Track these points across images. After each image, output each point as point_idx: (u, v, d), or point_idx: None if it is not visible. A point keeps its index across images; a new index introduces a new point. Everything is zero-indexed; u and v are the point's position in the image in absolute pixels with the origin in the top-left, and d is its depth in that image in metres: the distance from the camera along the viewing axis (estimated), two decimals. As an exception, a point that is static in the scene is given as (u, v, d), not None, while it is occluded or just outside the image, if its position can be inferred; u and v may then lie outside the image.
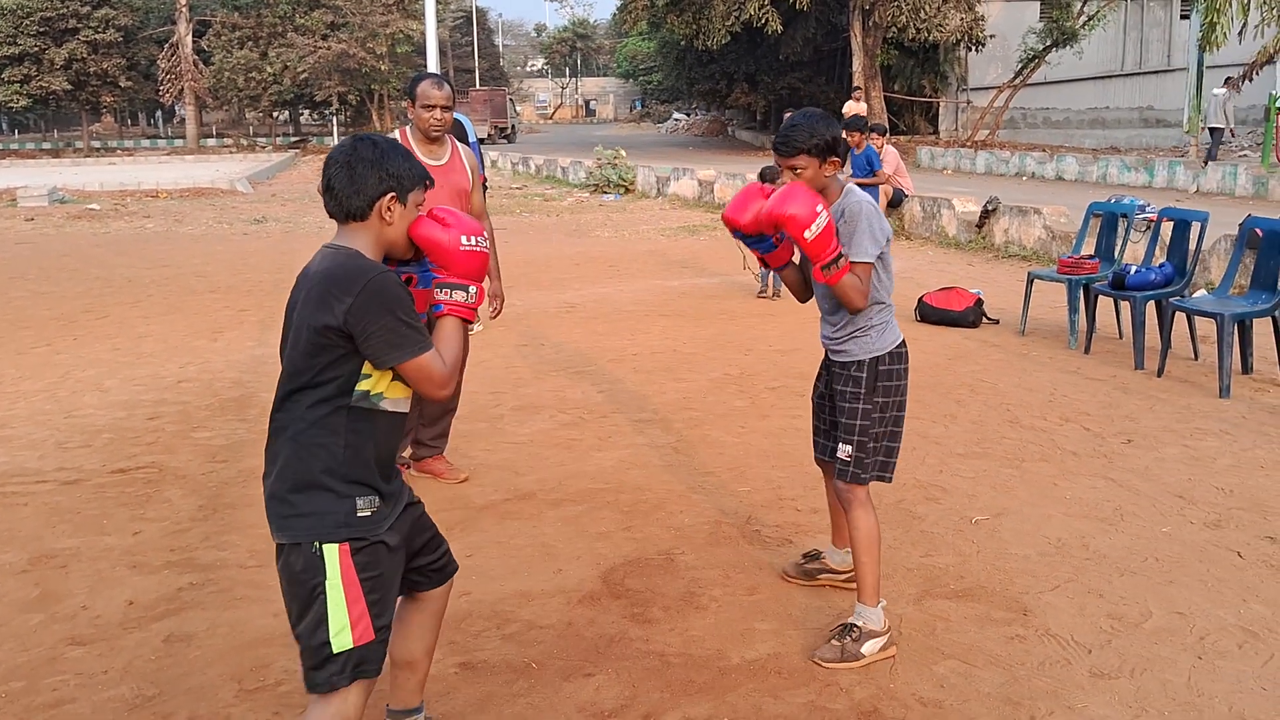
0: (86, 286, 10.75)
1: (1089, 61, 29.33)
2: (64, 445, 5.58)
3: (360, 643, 2.34)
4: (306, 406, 2.33)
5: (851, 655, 3.26)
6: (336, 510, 2.32)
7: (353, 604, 2.32)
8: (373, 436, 2.38)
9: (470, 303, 2.47)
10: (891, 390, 3.42)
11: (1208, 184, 18.48)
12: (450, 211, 2.50)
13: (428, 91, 4.62)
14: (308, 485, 2.32)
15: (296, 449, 2.33)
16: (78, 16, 41.72)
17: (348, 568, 2.32)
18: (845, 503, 3.42)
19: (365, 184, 2.37)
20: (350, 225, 2.41)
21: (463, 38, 67.28)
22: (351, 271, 2.31)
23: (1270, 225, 6.93)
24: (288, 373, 2.36)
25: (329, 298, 2.27)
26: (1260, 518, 4.39)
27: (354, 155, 2.38)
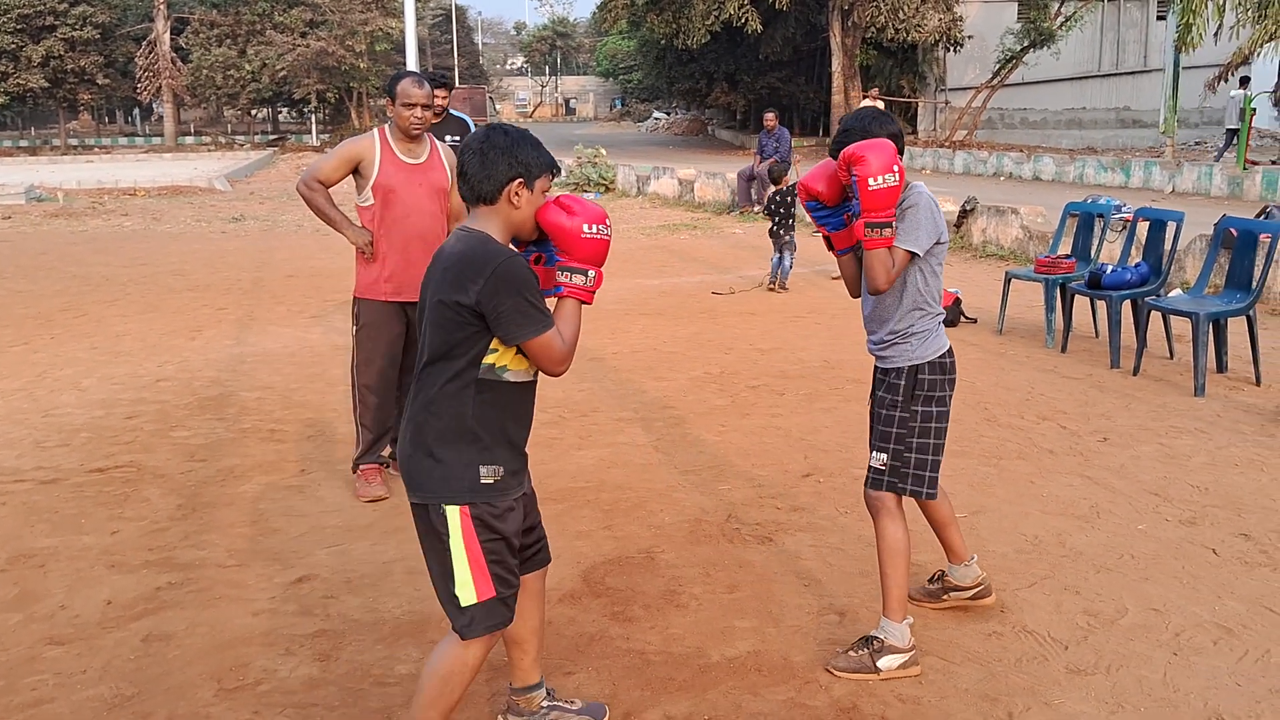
0: (64, 285, 10.66)
1: (1066, 62, 29.51)
2: (41, 444, 5.54)
3: (482, 599, 2.52)
4: (440, 377, 2.52)
5: (867, 668, 3.17)
6: (462, 476, 2.51)
7: (474, 563, 2.51)
8: (499, 407, 2.55)
9: (589, 286, 2.63)
10: (932, 401, 3.29)
11: (1183, 184, 18.64)
12: (576, 199, 2.61)
13: (409, 90, 4.61)
14: (437, 451, 2.51)
15: (429, 416, 2.53)
16: (55, 13, 41.30)
17: (469, 530, 2.50)
18: (873, 510, 3.33)
19: (495, 170, 2.51)
20: (480, 208, 2.56)
21: (442, 36, 67.05)
22: (483, 255, 2.46)
23: (1245, 225, 7.02)
24: (424, 346, 2.56)
25: (463, 278, 2.44)
26: (1234, 515, 4.44)
27: (487, 142, 2.53)
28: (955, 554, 3.59)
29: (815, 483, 4.90)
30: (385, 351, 4.75)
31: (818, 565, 4.01)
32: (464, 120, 7.66)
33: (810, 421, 5.82)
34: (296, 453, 5.41)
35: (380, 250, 4.68)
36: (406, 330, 4.80)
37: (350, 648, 3.41)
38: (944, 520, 3.54)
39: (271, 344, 7.92)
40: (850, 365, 7.02)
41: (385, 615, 3.64)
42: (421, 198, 4.72)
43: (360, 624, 3.58)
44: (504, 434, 2.57)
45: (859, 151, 3.07)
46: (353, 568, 4.03)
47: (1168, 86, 22.30)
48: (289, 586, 3.87)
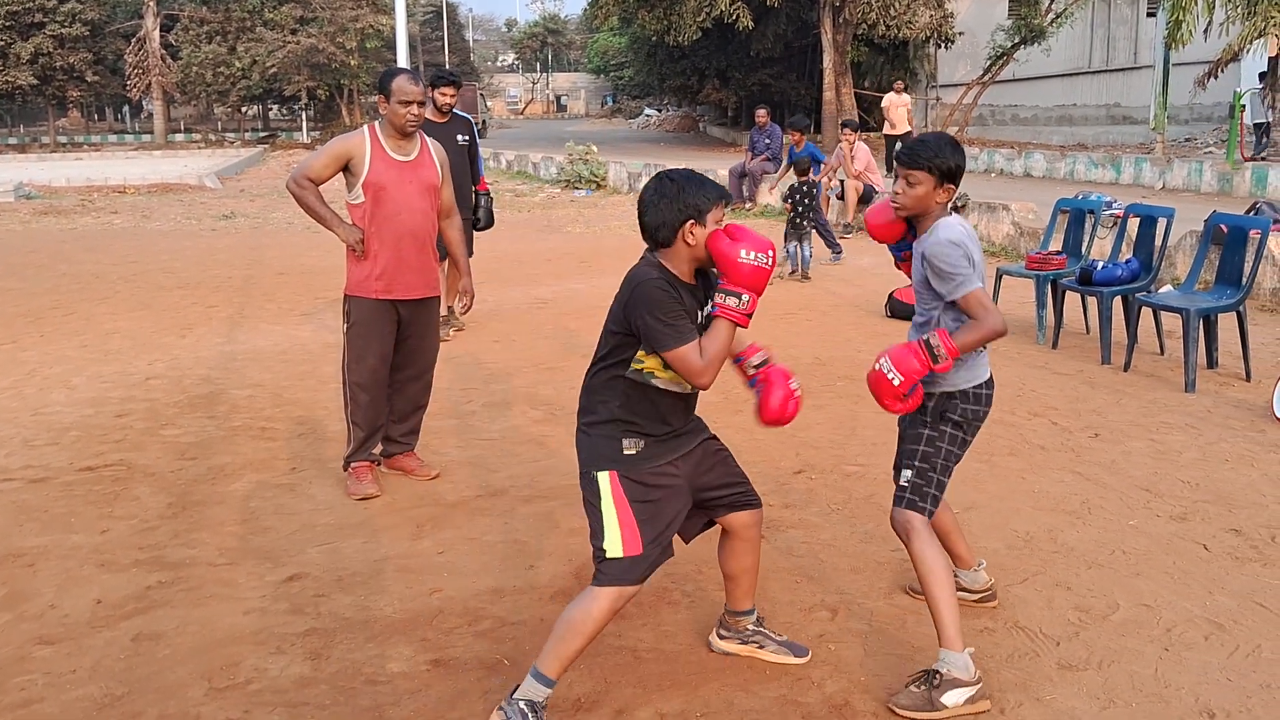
0: (53, 283, 10.62)
1: (1057, 59, 29.56)
2: (31, 443, 5.51)
3: (629, 554, 2.84)
4: (601, 374, 2.95)
5: (929, 705, 2.97)
6: (607, 449, 2.91)
7: (624, 522, 2.86)
8: (648, 400, 2.92)
9: (742, 309, 2.82)
10: (960, 426, 3.22)
11: (1173, 180, 18.68)
12: (740, 228, 2.84)
13: (404, 87, 4.59)
14: (592, 428, 2.95)
15: (590, 401, 2.97)
16: (44, 10, 41.16)
17: (618, 491, 2.88)
18: (903, 533, 3.19)
19: (668, 218, 2.81)
20: (660, 251, 2.87)
21: (433, 32, 66.90)
22: (634, 276, 2.86)
23: (1235, 221, 7.03)
24: (599, 346, 2.96)
25: (621, 294, 2.86)
26: (1225, 510, 4.45)
27: (658, 194, 2.83)
28: (962, 561, 3.58)
29: (807, 479, 4.90)
30: (376, 349, 4.74)
31: (809, 562, 4.01)
32: (468, 120, 7.75)
33: (801, 418, 5.76)
34: (287, 451, 5.39)
35: (371, 248, 4.66)
36: (398, 328, 4.78)
37: (341, 646, 3.40)
38: (946, 529, 3.52)
39: (262, 342, 7.89)
40: (841, 362, 7.02)
41: (377, 613, 3.63)
42: (412, 195, 4.71)
43: (351, 622, 3.56)
44: (654, 417, 2.93)
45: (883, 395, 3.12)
46: (344, 566, 4.01)
47: (1158, 83, 22.34)
48: (280, 585, 3.86)
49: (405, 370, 4.91)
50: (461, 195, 7.31)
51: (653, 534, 2.88)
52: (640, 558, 2.85)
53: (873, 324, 8.29)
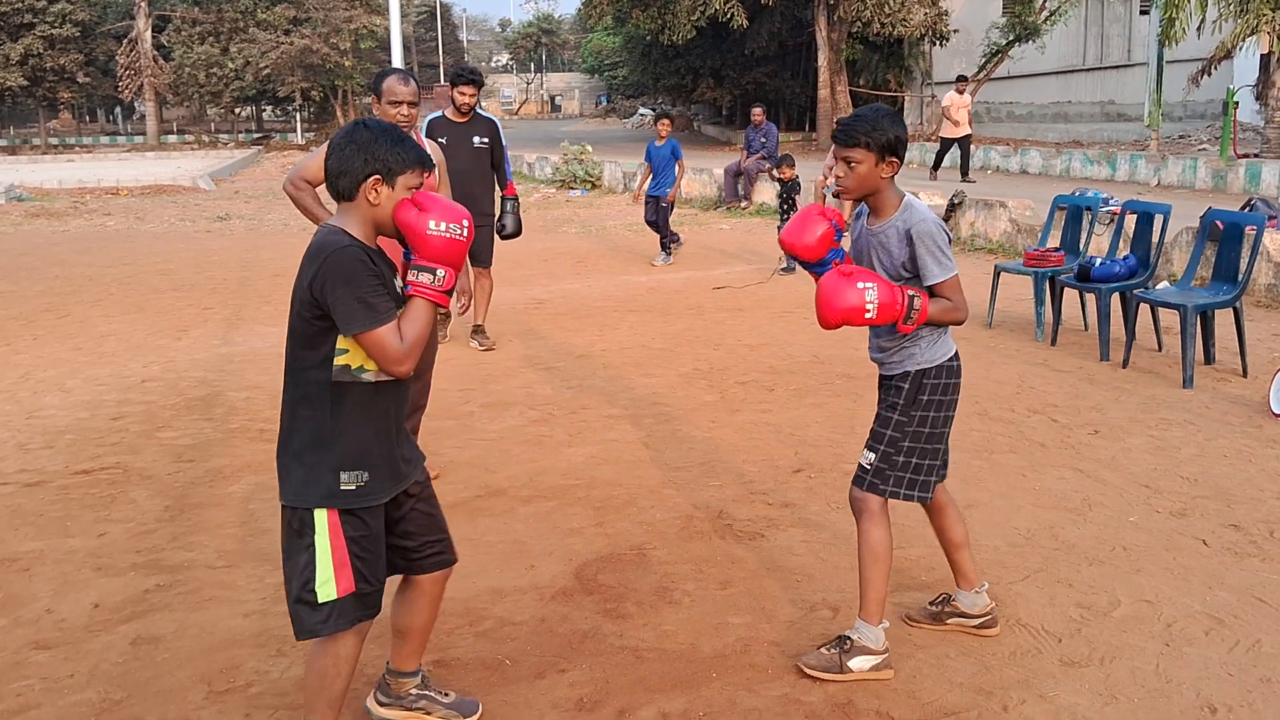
0: (46, 285, 10.58)
1: (1051, 56, 29.56)
2: (25, 446, 5.49)
3: (343, 595, 2.57)
4: (298, 378, 2.54)
5: (837, 667, 3.13)
6: (322, 481, 2.54)
7: (338, 563, 2.55)
8: (361, 409, 2.54)
9: (437, 286, 2.54)
10: (933, 405, 3.18)
11: (1168, 177, 18.71)
12: (430, 196, 2.58)
13: (394, 87, 4.57)
14: (298, 455, 2.56)
15: (292, 420, 2.57)
16: (34, 11, 41.03)
17: (335, 531, 2.55)
18: (856, 511, 3.23)
19: (351, 166, 2.51)
20: (342, 205, 2.58)
21: (427, 33, 66.85)
22: (321, 245, 2.49)
23: (1230, 218, 7.04)
24: (288, 344, 2.56)
25: (305, 269, 2.47)
26: (1224, 506, 4.45)
27: (347, 138, 2.53)
28: (966, 580, 3.44)
29: (806, 478, 4.89)
30: (374, 350, 4.71)
31: (810, 560, 4.00)
32: (492, 121, 7.42)
33: (800, 417, 5.81)
34: (285, 452, 5.37)
35: (368, 248, 4.64)
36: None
37: (341, 648, 3.38)
38: (957, 542, 3.41)
39: (259, 343, 7.87)
40: (839, 360, 7.02)
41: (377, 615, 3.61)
42: (408, 194, 4.68)
43: (351, 624, 3.54)
44: (372, 437, 2.58)
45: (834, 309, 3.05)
46: (343, 568, 3.99)
47: (1151, 80, 22.36)
48: (280, 587, 3.81)
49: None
50: (480, 199, 7.14)
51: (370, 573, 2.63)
52: (356, 594, 2.60)
53: (870, 322, 8.26)
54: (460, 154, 6.98)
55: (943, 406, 3.20)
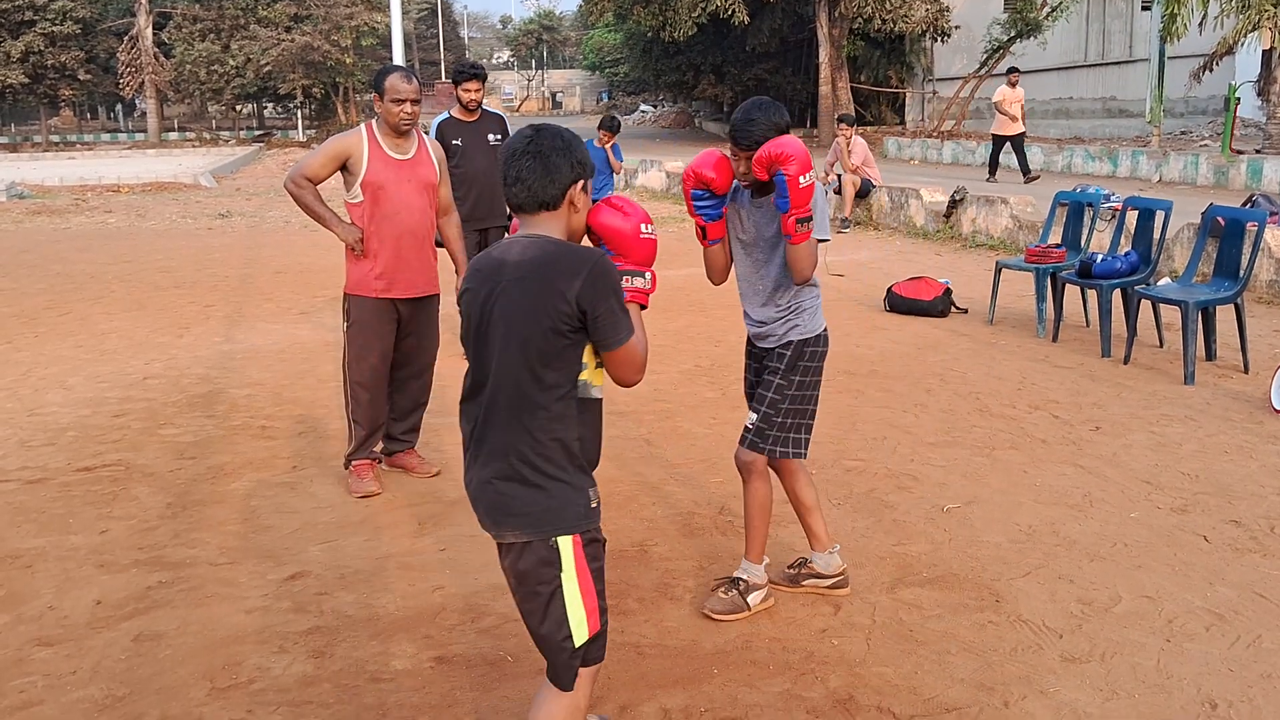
0: (48, 283, 10.59)
1: (1053, 52, 29.52)
2: (27, 444, 5.50)
3: (593, 633, 2.36)
4: (538, 398, 2.31)
5: (741, 607, 3.50)
6: (576, 502, 2.33)
7: (586, 595, 2.34)
8: (592, 426, 2.43)
9: (647, 288, 2.53)
10: (810, 370, 3.52)
11: (1170, 173, 18.69)
12: (626, 200, 2.58)
13: (397, 85, 4.57)
14: (546, 477, 2.31)
15: (531, 440, 2.31)
16: (34, 8, 40.99)
17: (580, 559, 2.33)
18: (744, 472, 3.54)
19: (560, 173, 2.37)
20: (540, 215, 2.39)
21: (428, 30, 66.81)
22: (574, 255, 2.32)
23: (1232, 214, 7.03)
24: (509, 365, 2.31)
25: (556, 282, 2.27)
26: (1225, 502, 4.45)
27: (545, 145, 2.38)
28: (818, 541, 3.69)
29: (808, 474, 4.89)
30: (377, 347, 4.73)
31: (811, 557, 4.00)
32: (501, 116, 7.27)
33: (802, 413, 5.80)
34: (288, 449, 5.38)
35: (370, 247, 4.65)
36: (398, 326, 4.78)
37: (344, 644, 3.40)
38: (809, 505, 3.68)
39: (261, 341, 7.88)
40: (840, 357, 7.02)
41: (379, 611, 3.62)
42: (410, 194, 4.69)
43: (354, 620, 3.56)
44: (596, 453, 2.46)
45: (786, 151, 3.18)
46: (346, 564, 4.00)
47: (1153, 76, 22.33)
48: (282, 584, 3.85)
49: (406, 368, 4.90)
50: (497, 199, 6.99)
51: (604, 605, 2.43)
52: (602, 630, 2.41)
53: (871, 318, 8.28)
54: (477, 154, 6.91)
55: (816, 372, 3.54)
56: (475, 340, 2.39)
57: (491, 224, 7.10)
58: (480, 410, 2.38)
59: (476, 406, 2.39)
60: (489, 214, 7.05)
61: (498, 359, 2.33)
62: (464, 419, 2.44)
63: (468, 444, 2.44)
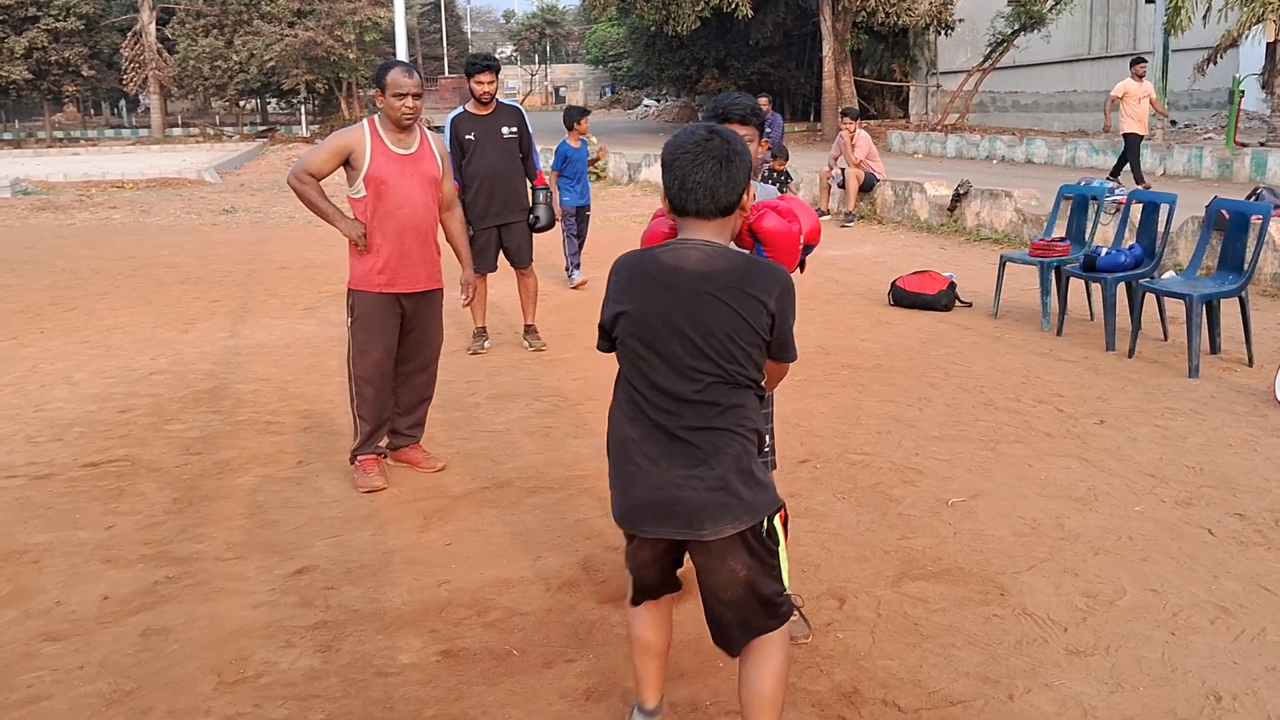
0: (53, 279, 10.61)
1: (1056, 45, 29.47)
2: (33, 439, 5.51)
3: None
4: (739, 396, 2.38)
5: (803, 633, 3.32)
6: (772, 483, 2.49)
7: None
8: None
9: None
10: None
11: (1174, 166, 18.66)
12: (793, 199, 2.60)
13: (398, 80, 4.57)
14: (753, 467, 2.40)
15: (735, 436, 2.37)
16: (38, 4, 41.00)
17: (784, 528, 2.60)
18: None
19: (740, 178, 2.36)
20: (715, 221, 2.39)
21: (431, 25, 66.78)
22: (767, 269, 2.39)
23: (1236, 207, 7.02)
24: (708, 369, 2.34)
25: (757, 293, 2.33)
26: (1230, 495, 4.45)
27: (728, 149, 2.35)
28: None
29: (812, 469, 4.90)
30: (381, 343, 4.74)
31: (815, 550, 4.01)
32: (517, 108, 7.19)
33: (806, 407, 5.82)
34: (294, 444, 5.39)
35: (374, 242, 4.65)
36: (401, 321, 4.78)
37: (351, 639, 3.41)
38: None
39: (266, 336, 7.89)
40: (844, 351, 7.02)
41: (386, 605, 3.63)
42: (413, 189, 4.70)
43: (361, 614, 3.57)
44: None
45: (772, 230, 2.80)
46: (352, 558, 4.02)
47: (1157, 69, 22.28)
48: (288, 578, 3.86)
49: (410, 363, 4.91)
50: (514, 194, 7.05)
51: None
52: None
53: (876, 312, 8.28)
54: (491, 148, 6.89)
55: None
56: (653, 346, 2.38)
57: (509, 219, 7.08)
58: (667, 416, 2.39)
59: (660, 413, 2.39)
60: (505, 209, 7.03)
61: (691, 364, 2.35)
62: (638, 425, 2.44)
63: (645, 454, 2.43)
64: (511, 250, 7.19)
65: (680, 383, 2.35)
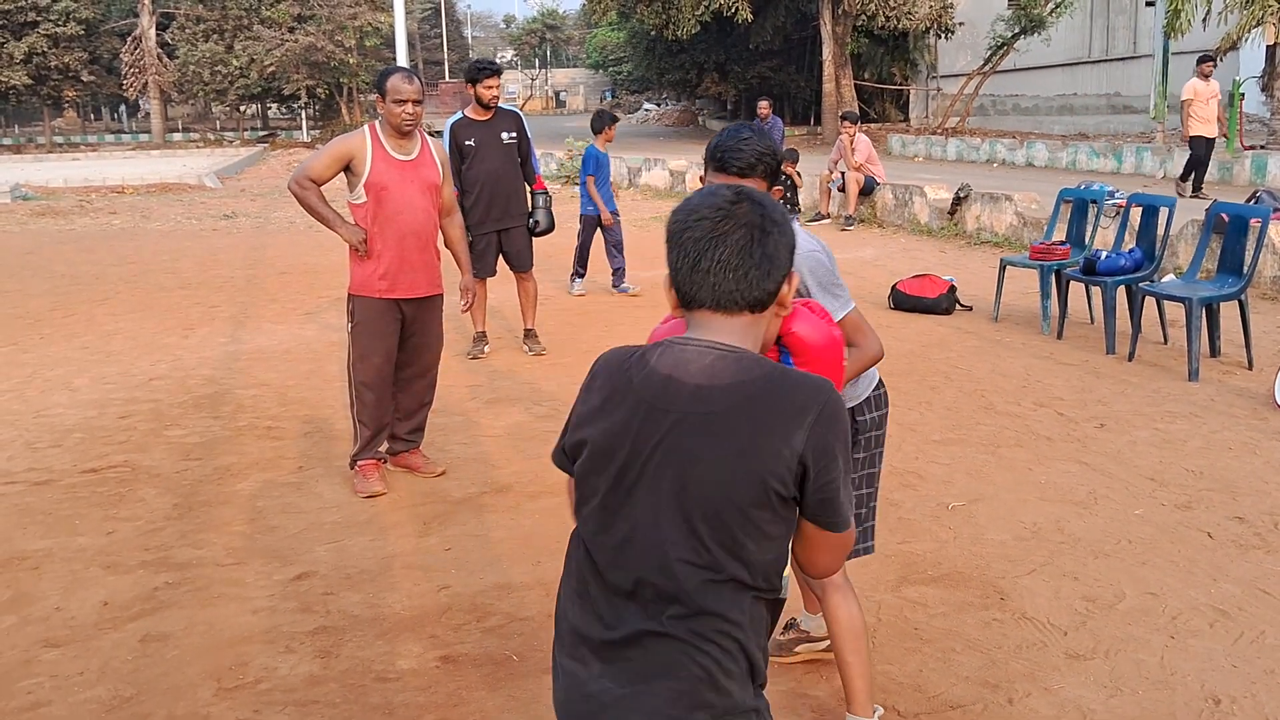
0: (52, 284, 10.61)
1: (1057, 48, 29.48)
2: (33, 445, 5.51)
3: None
4: (724, 592, 1.59)
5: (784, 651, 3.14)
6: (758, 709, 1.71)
7: None
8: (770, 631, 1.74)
9: None
10: (873, 441, 2.99)
11: (1174, 169, 18.62)
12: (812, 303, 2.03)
13: (398, 86, 4.58)
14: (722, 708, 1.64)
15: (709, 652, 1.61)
16: (37, 9, 41.05)
17: None
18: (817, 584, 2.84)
19: (779, 262, 1.65)
20: (740, 318, 1.65)
21: (431, 30, 66.86)
22: (796, 383, 1.60)
23: (1236, 210, 7.03)
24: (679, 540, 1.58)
25: (775, 423, 1.56)
26: (1229, 498, 4.45)
27: (763, 221, 1.64)
28: (812, 604, 3.26)
29: (812, 472, 4.90)
30: (381, 348, 4.74)
31: (816, 555, 4.01)
32: (516, 113, 7.19)
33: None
34: (294, 450, 5.40)
35: (374, 248, 4.66)
36: (401, 326, 4.79)
37: (351, 644, 3.41)
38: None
39: (266, 341, 7.89)
40: (845, 354, 7.01)
41: (385, 610, 3.63)
42: (414, 194, 4.71)
43: (360, 620, 3.57)
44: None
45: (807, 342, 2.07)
46: (352, 564, 4.02)
47: (1157, 72, 22.30)
48: (288, 584, 3.86)
49: (410, 368, 4.91)
50: (514, 199, 7.05)
51: None
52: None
53: (876, 316, 8.27)
54: (491, 154, 6.91)
55: (875, 443, 3.00)
56: (615, 492, 1.64)
57: (509, 225, 7.09)
58: (614, 604, 1.64)
59: (606, 596, 1.65)
60: (505, 214, 7.04)
61: (659, 528, 1.60)
62: (584, 605, 1.67)
63: (587, 649, 1.66)
64: (512, 255, 7.20)
65: (639, 560, 1.60)
